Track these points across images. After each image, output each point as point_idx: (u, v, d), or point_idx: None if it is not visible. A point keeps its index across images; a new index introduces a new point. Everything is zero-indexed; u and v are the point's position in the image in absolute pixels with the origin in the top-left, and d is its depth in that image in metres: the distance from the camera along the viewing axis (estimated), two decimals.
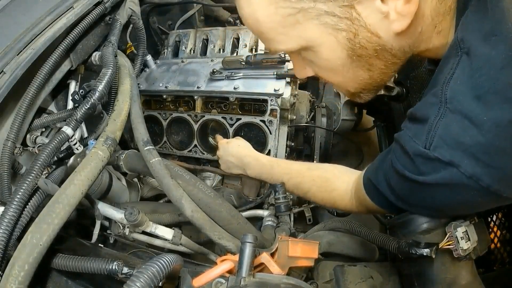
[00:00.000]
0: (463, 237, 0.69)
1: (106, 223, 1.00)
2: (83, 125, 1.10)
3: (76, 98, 0.93)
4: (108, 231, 1.00)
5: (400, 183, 0.66)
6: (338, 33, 0.61)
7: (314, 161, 1.36)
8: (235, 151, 1.18)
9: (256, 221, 1.22)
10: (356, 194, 0.88)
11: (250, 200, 1.32)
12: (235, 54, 1.36)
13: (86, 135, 1.11)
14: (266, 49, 0.77)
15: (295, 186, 1.05)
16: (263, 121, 1.22)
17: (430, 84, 0.65)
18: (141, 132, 1.01)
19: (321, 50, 0.64)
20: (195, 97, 1.32)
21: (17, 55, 0.88)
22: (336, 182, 0.96)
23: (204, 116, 1.30)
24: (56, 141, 0.84)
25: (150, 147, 0.97)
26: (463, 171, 0.54)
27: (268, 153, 1.23)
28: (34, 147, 1.02)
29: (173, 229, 0.99)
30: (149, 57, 1.44)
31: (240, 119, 1.25)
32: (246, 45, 1.36)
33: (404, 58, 0.68)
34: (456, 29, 0.61)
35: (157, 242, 1.02)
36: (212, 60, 1.38)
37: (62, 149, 0.98)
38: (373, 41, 0.61)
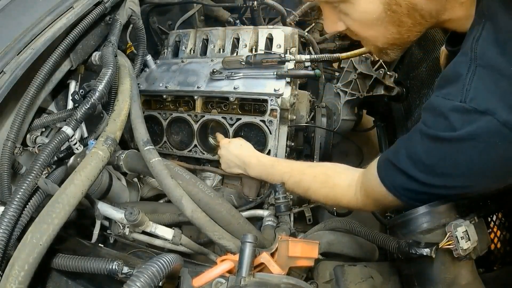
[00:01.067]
0: (463, 237, 0.69)
1: (106, 223, 1.00)
2: (83, 125, 1.10)
3: (76, 98, 0.93)
4: (108, 231, 1.00)
5: (431, 148, 0.68)
6: None
7: (314, 161, 1.36)
8: (237, 151, 1.18)
9: (256, 221, 1.22)
10: (363, 187, 0.88)
11: (250, 200, 1.32)
12: (235, 54, 1.36)
13: (86, 135, 1.11)
14: None
15: (295, 184, 1.04)
16: (263, 121, 1.22)
17: (460, 52, 0.69)
18: (141, 132, 1.01)
19: (360, 2, 0.70)
20: (195, 97, 1.32)
21: (17, 55, 0.88)
22: (338, 178, 0.96)
23: (204, 116, 1.30)
24: (56, 141, 0.85)
25: (150, 147, 0.97)
26: (498, 118, 0.57)
27: (268, 153, 1.23)
28: (34, 147, 1.02)
29: (173, 229, 0.99)
30: (149, 57, 1.44)
31: (240, 119, 1.25)
32: (246, 45, 1.36)
33: (430, 21, 0.73)
34: (477, 3, 0.68)
35: (157, 242, 1.02)
36: (212, 60, 1.38)
37: (62, 149, 0.98)
38: (407, 0, 0.67)
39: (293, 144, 1.32)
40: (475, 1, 0.70)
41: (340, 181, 0.95)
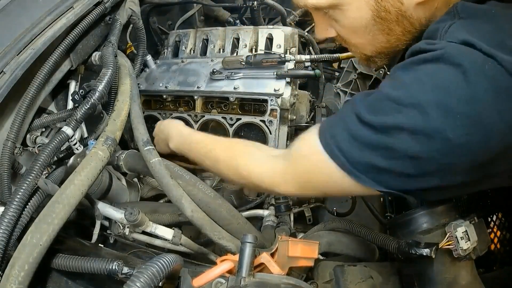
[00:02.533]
0: (463, 237, 0.69)
1: (106, 223, 1.00)
2: (83, 125, 1.10)
3: (76, 98, 0.93)
4: (108, 231, 1.00)
5: (401, 77, 0.59)
6: None
7: None
8: (163, 125, 1.17)
9: (256, 221, 1.22)
10: (291, 154, 0.74)
11: (250, 200, 1.32)
12: (235, 54, 1.36)
13: (86, 135, 1.11)
14: (295, 3, 0.77)
15: (206, 155, 0.92)
16: (263, 121, 1.22)
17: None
18: (141, 132, 1.01)
19: (349, 8, 0.69)
20: (195, 97, 1.32)
21: (17, 55, 0.88)
22: (258, 148, 0.85)
23: (204, 116, 1.30)
24: (56, 141, 0.85)
25: (150, 147, 0.97)
26: (479, 48, 0.52)
27: None
28: (34, 147, 1.02)
29: (173, 229, 0.98)
30: (149, 57, 1.44)
31: (240, 119, 1.25)
32: (246, 45, 1.36)
33: (420, 29, 0.70)
34: None
35: (157, 242, 1.02)
36: (212, 60, 1.38)
37: (62, 149, 0.98)
38: (396, 7, 0.66)
39: None
40: None
41: (259, 151, 0.83)
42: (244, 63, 1.25)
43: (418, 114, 0.53)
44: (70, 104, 1.13)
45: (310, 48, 1.61)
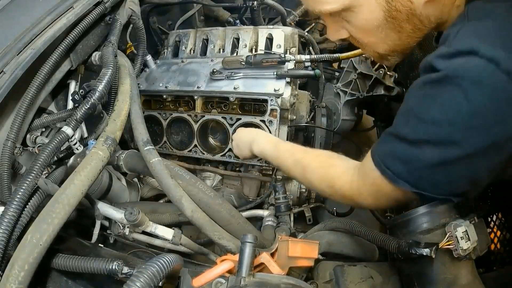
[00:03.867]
0: (463, 237, 0.69)
1: (106, 223, 1.00)
2: (83, 125, 1.10)
3: (76, 98, 0.93)
4: (108, 231, 1.00)
5: (419, 95, 0.67)
6: None
7: None
8: (246, 131, 1.19)
9: (256, 221, 1.23)
10: (360, 172, 0.81)
11: (250, 200, 1.32)
12: (235, 54, 1.36)
13: (86, 135, 1.11)
14: (310, 11, 0.83)
15: (295, 163, 0.96)
16: (263, 121, 1.22)
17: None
18: (141, 132, 1.01)
19: (362, 10, 0.72)
20: (195, 97, 1.32)
21: (17, 55, 0.88)
22: (339, 160, 0.90)
23: (204, 116, 1.31)
24: (56, 141, 0.85)
25: (150, 147, 0.97)
26: (482, 55, 0.56)
27: None
28: (34, 147, 1.02)
29: (173, 229, 0.99)
30: (149, 57, 1.44)
31: (240, 119, 1.25)
32: (246, 45, 1.36)
33: (429, 27, 0.75)
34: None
35: (157, 242, 1.02)
36: (212, 60, 1.38)
37: (62, 149, 0.98)
38: (406, 6, 0.69)
39: None
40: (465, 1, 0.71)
41: (340, 162, 0.88)
42: (244, 63, 1.25)
43: (437, 129, 0.63)
44: (70, 104, 1.13)
45: (310, 48, 1.61)
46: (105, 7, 1.10)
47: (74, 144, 0.97)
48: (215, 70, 1.28)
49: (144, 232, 0.98)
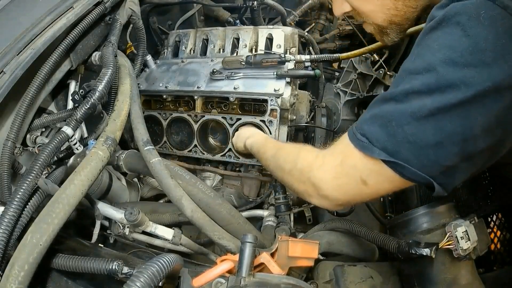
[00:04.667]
0: (463, 237, 0.69)
1: (106, 223, 1.00)
2: (83, 125, 1.10)
3: (76, 98, 0.93)
4: (108, 231, 1.00)
5: (416, 49, 0.62)
6: None
7: None
8: (244, 130, 1.22)
9: (256, 221, 1.22)
10: (330, 148, 0.73)
11: (250, 200, 1.32)
12: (235, 54, 1.36)
13: (86, 135, 1.11)
14: None
15: (274, 156, 0.91)
16: (263, 121, 1.22)
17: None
18: (141, 132, 1.01)
19: None
20: (195, 97, 1.32)
21: (17, 55, 0.88)
22: (310, 147, 0.84)
23: (204, 116, 1.30)
24: (56, 141, 0.85)
25: (150, 147, 0.97)
26: None
27: None
28: (34, 147, 1.02)
29: (173, 229, 0.99)
30: (149, 57, 1.44)
31: (240, 119, 1.25)
32: (246, 45, 1.36)
33: None
34: None
35: (157, 242, 1.02)
36: (212, 60, 1.38)
37: (62, 149, 0.98)
38: None
39: None
40: None
41: (310, 148, 0.82)
42: (244, 63, 1.25)
43: (430, 75, 0.57)
44: (70, 104, 1.13)
45: (310, 48, 1.61)
46: (105, 7, 1.10)
47: (74, 144, 0.97)
48: (215, 70, 1.28)
49: (144, 232, 0.98)
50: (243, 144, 1.15)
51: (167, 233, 0.97)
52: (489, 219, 1.22)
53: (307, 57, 1.29)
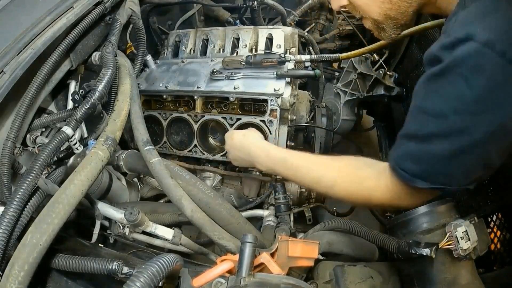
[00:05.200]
0: (463, 237, 0.69)
1: (106, 223, 1.00)
2: (83, 125, 1.10)
3: (76, 98, 0.93)
4: (108, 231, 1.00)
5: (426, 90, 0.68)
6: None
7: None
8: (239, 143, 1.07)
9: (256, 221, 1.22)
10: (387, 177, 0.78)
11: (250, 200, 1.32)
12: (235, 54, 1.36)
13: (86, 135, 1.11)
14: None
15: (316, 180, 0.88)
16: (263, 121, 1.22)
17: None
18: (141, 132, 1.01)
19: None
20: (195, 97, 1.32)
21: (17, 55, 0.88)
22: (367, 169, 0.82)
23: (204, 116, 1.30)
24: (56, 141, 0.85)
25: (150, 147, 0.97)
26: (477, 40, 0.58)
27: None
28: (34, 147, 1.02)
29: (173, 229, 0.99)
30: (149, 57, 1.44)
31: (240, 119, 1.25)
32: (246, 45, 1.36)
33: None
34: None
35: (157, 242, 1.02)
36: (212, 60, 1.38)
37: (62, 149, 0.98)
38: None
39: (293, 144, 1.32)
40: None
41: (369, 173, 0.81)
42: (244, 63, 1.25)
43: (444, 121, 0.65)
44: (70, 104, 1.13)
45: (310, 48, 1.61)
46: (105, 7, 1.10)
47: (74, 144, 0.97)
48: (215, 70, 1.28)
49: (144, 232, 0.98)
50: (250, 165, 1.10)
51: (167, 233, 0.97)
52: (489, 219, 1.22)
53: (307, 57, 1.29)
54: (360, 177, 0.82)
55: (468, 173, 0.68)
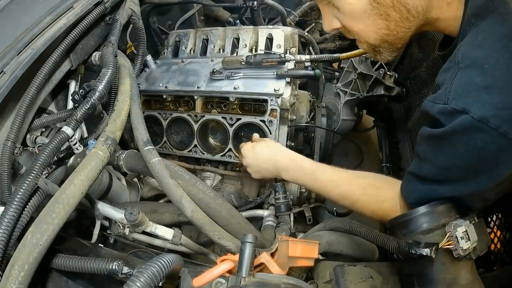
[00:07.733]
0: (463, 237, 0.69)
1: (106, 223, 1.00)
2: (83, 125, 1.10)
3: (76, 98, 0.93)
4: (108, 231, 1.00)
5: (431, 145, 0.74)
6: None
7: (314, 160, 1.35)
8: (266, 155, 1.07)
9: (256, 221, 1.23)
10: (404, 203, 0.86)
11: (250, 200, 1.32)
12: (235, 54, 1.37)
13: (86, 135, 1.11)
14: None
15: (341, 196, 0.95)
16: (263, 121, 1.22)
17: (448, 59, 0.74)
18: (141, 132, 1.01)
19: None
20: (195, 97, 1.32)
21: (17, 55, 0.88)
22: (387, 191, 0.90)
23: (204, 116, 1.31)
24: (56, 141, 0.85)
25: (150, 147, 0.97)
26: (472, 115, 0.62)
27: None
28: (34, 147, 1.02)
29: (173, 229, 0.99)
30: (149, 57, 1.44)
31: (240, 119, 1.25)
32: (246, 45, 1.36)
33: (418, 18, 0.76)
34: (465, 5, 0.72)
35: (157, 242, 1.02)
36: (212, 60, 1.38)
37: (62, 149, 0.98)
38: None
39: (293, 144, 1.32)
40: (463, 4, 0.73)
41: (389, 195, 0.90)
42: (244, 63, 1.26)
43: (450, 173, 0.72)
44: (70, 104, 1.13)
45: (310, 48, 1.61)
46: (105, 7, 1.10)
47: (74, 144, 0.97)
48: (215, 70, 1.28)
49: (144, 232, 0.98)
50: (272, 177, 1.12)
51: (167, 233, 0.97)
52: (489, 219, 1.22)
53: (307, 57, 1.29)
54: (380, 198, 0.91)
55: (469, 208, 0.76)
